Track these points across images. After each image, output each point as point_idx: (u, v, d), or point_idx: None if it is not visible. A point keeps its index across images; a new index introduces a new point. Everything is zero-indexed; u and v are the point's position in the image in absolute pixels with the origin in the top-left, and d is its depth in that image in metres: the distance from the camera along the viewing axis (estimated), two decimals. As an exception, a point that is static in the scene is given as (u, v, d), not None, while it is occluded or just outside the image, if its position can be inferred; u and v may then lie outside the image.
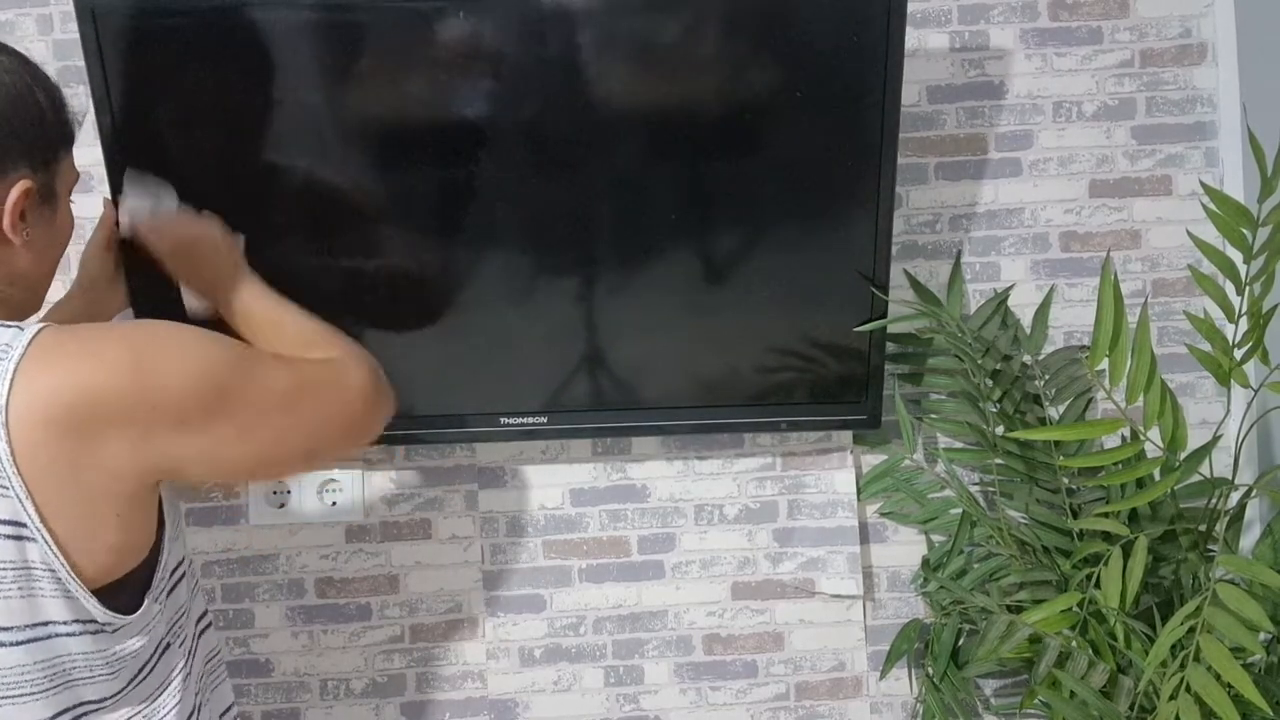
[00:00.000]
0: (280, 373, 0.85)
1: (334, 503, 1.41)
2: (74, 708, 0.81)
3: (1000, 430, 1.31)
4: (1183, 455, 1.18)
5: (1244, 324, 1.14)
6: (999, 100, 1.38)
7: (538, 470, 1.42)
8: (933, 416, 1.40)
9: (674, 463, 1.43)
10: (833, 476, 1.43)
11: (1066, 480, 1.30)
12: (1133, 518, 1.25)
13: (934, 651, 1.37)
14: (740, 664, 1.46)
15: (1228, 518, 1.20)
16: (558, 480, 1.43)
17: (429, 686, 1.46)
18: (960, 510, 1.37)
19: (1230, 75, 1.36)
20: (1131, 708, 1.13)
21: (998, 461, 1.34)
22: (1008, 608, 1.23)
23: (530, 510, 1.43)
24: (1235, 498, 1.22)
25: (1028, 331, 1.40)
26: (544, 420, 1.29)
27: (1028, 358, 1.37)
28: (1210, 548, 1.22)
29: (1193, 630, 1.04)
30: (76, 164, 0.87)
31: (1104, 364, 1.17)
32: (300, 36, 1.12)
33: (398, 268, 1.23)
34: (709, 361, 1.29)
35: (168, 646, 0.87)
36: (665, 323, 1.27)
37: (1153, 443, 1.19)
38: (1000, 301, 1.38)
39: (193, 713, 0.90)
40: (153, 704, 0.86)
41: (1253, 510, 1.39)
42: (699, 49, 1.17)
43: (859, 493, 1.43)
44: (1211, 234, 1.21)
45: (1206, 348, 1.16)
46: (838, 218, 1.23)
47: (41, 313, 0.91)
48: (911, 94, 1.37)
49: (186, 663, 0.90)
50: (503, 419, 1.29)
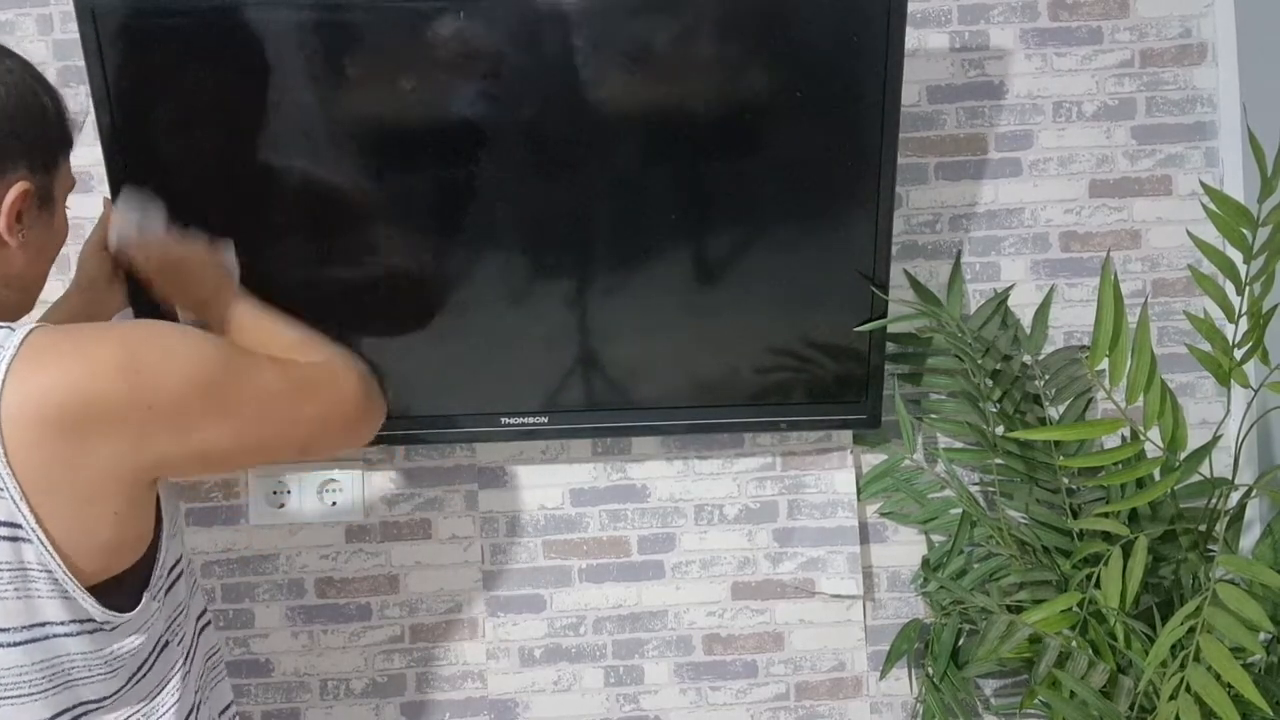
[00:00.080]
0: (273, 372, 0.85)
1: (334, 503, 1.41)
2: (73, 708, 0.81)
3: (1000, 430, 1.31)
4: (1183, 455, 1.18)
5: (1244, 324, 1.14)
6: (999, 100, 1.38)
7: (538, 470, 1.42)
8: (933, 416, 1.40)
9: (674, 463, 1.43)
10: (833, 476, 1.43)
11: (1066, 480, 1.30)
12: (1133, 518, 1.25)
13: (934, 651, 1.37)
14: (740, 664, 1.46)
15: (1228, 518, 1.20)
16: (558, 480, 1.43)
17: (429, 686, 1.46)
18: (960, 510, 1.37)
19: (1230, 75, 1.36)
20: (1131, 708, 1.13)
21: (998, 461, 1.34)
22: (1008, 608, 1.23)
23: (530, 510, 1.43)
24: (1235, 498, 1.22)
25: (1028, 331, 1.40)
26: (544, 420, 1.29)
27: (1028, 358, 1.37)
28: (1210, 548, 1.22)
29: (1193, 630, 1.04)
30: (76, 163, 0.88)
31: (1104, 364, 1.17)
32: (300, 36, 1.12)
33: (397, 268, 1.23)
34: (709, 361, 1.29)
35: (166, 644, 0.87)
36: (665, 323, 1.27)
37: (1153, 443, 1.19)
38: (1000, 301, 1.38)
39: (192, 711, 0.90)
40: (151, 702, 0.86)
41: (1253, 510, 1.39)
42: (698, 49, 1.17)
43: (859, 493, 1.43)
44: (1211, 234, 1.21)
45: (1206, 348, 1.16)
46: (838, 218, 1.23)
47: (37, 312, 0.91)
48: (911, 94, 1.37)
49: (185, 661, 0.90)
50: (503, 419, 1.29)
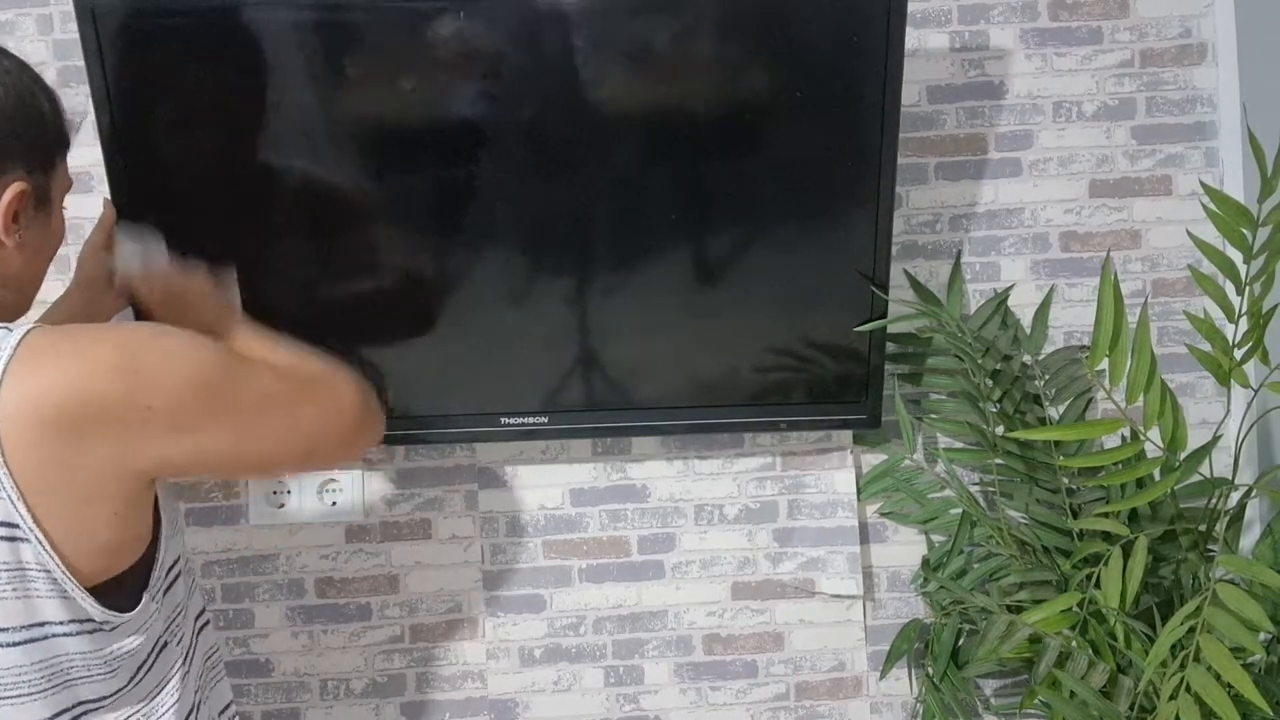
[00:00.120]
0: (272, 377, 0.85)
1: (334, 503, 1.41)
2: (73, 707, 0.81)
3: (1000, 430, 1.31)
4: (1183, 455, 1.18)
5: (1244, 324, 1.14)
6: (999, 100, 1.38)
7: (538, 470, 1.42)
8: (933, 416, 1.40)
9: (674, 463, 1.43)
10: (833, 476, 1.43)
11: (1066, 480, 1.30)
12: (1133, 518, 1.25)
13: (934, 651, 1.37)
14: (740, 664, 1.46)
15: (1228, 518, 1.20)
16: (558, 480, 1.43)
17: (429, 686, 1.46)
18: (960, 510, 1.37)
19: (1230, 75, 1.36)
20: (1131, 708, 1.13)
21: (998, 461, 1.34)
22: (1008, 608, 1.23)
23: (530, 510, 1.43)
24: (1235, 498, 1.22)
25: (1028, 331, 1.40)
26: (544, 420, 1.29)
27: (1028, 358, 1.37)
28: (1210, 548, 1.22)
29: (1193, 630, 1.04)
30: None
31: (1104, 364, 1.17)
32: (300, 37, 1.12)
33: (398, 268, 1.23)
34: (709, 361, 1.29)
35: (165, 645, 0.87)
36: (665, 323, 1.27)
37: (1153, 443, 1.19)
38: (1000, 301, 1.38)
39: (191, 711, 0.90)
40: (151, 702, 0.86)
41: (1253, 510, 1.39)
42: (698, 49, 1.17)
43: (859, 493, 1.43)
44: (1211, 234, 1.21)
45: (1206, 348, 1.16)
46: (838, 218, 1.23)
47: (36, 311, 0.91)
48: (911, 94, 1.37)
49: (184, 662, 0.90)
50: (503, 419, 1.29)
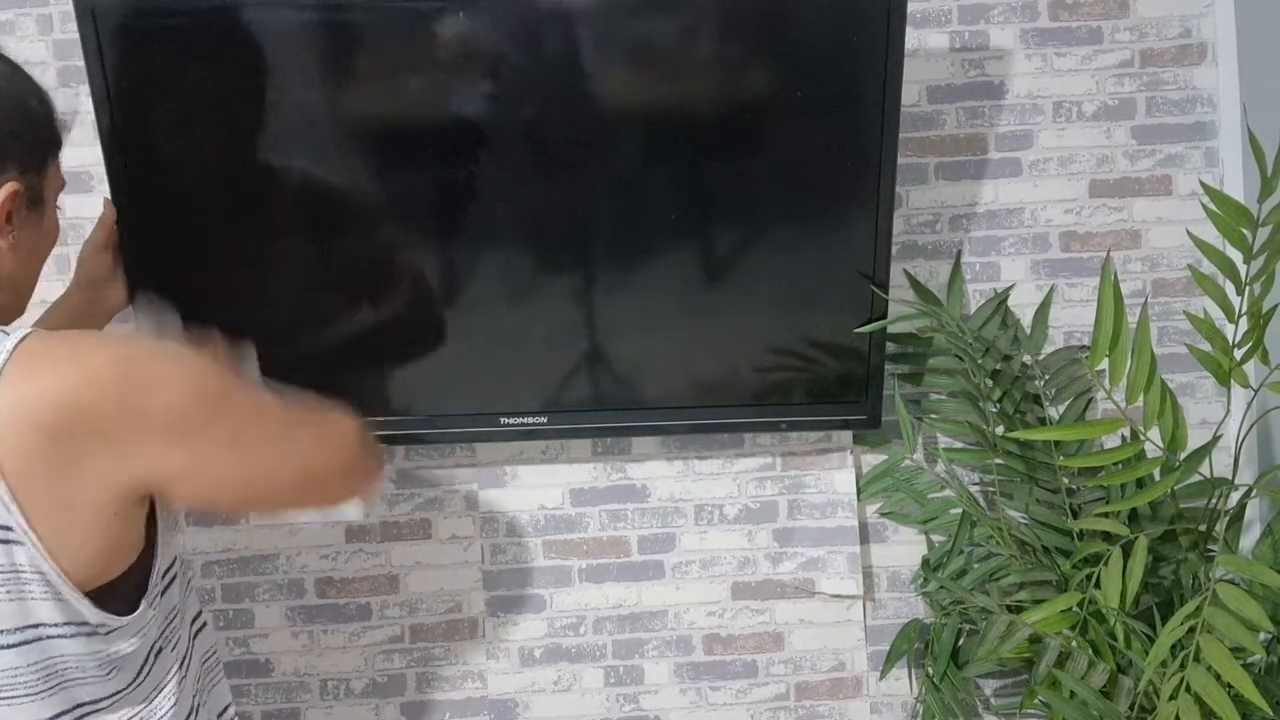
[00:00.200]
0: (273, 400, 0.84)
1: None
2: (73, 709, 0.81)
3: (1000, 430, 1.31)
4: (1183, 455, 1.18)
5: (1244, 324, 1.14)
6: (999, 100, 1.38)
7: (538, 470, 1.42)
8: (933, 416, 1.40)
9: (674, 463, 1.43)
10: (833, 476, 1.43)
11: (1066, 480, 1.30)
12: (1133, 518, 1.25)
13: (934, 651, 1.37)
14: (740, 664, 1.46)
15: (1228, 518, 1.20)
16: (558, 480, 1.43)
17: (429, 686, 1.46)
18: (960, 510, 1.37)
19: (1230, 75, 1.36)
20: (1131, 708, 1.13)
21: (998, 461, 1.34)
22: (1008, 608, 1.23)
23: (530, 510, 1.43)
24: (1235, 498, 1.22)
25: (1028, 331, 1.40)
26: (544, 420, 1.29)
27: (1028, 358, 1.37)
28: (1210, 548, 1.22)
29: (1193, 630, 1.04)
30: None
31: (1104, 364, 1.17)
32: (300, 36, 1.12)
33: (398, 268, 1.23)
34: (709, 361, 1.29)
35: (160, 650, 0.87)
36: (665, 322, 1.27)
37: (1153, 443, 1.19)
38: (1000, 301, 1.38)
39: (190, 714, 0.90)
40: (149, 705, 0.86)
41: (1253, 510, 1.39)
42: (698, 49, 1.17)
43: (859, 493, 1.43)
44: (1211, 234, 1.21)
45: (1206, 348, 1.16)
46: (838, 218, 1.23)
47: (29, 314, 0.90)
48: (911, 94, 1.37)
49: (180, 667, 0.89)
50: (503, 419, 1.29)
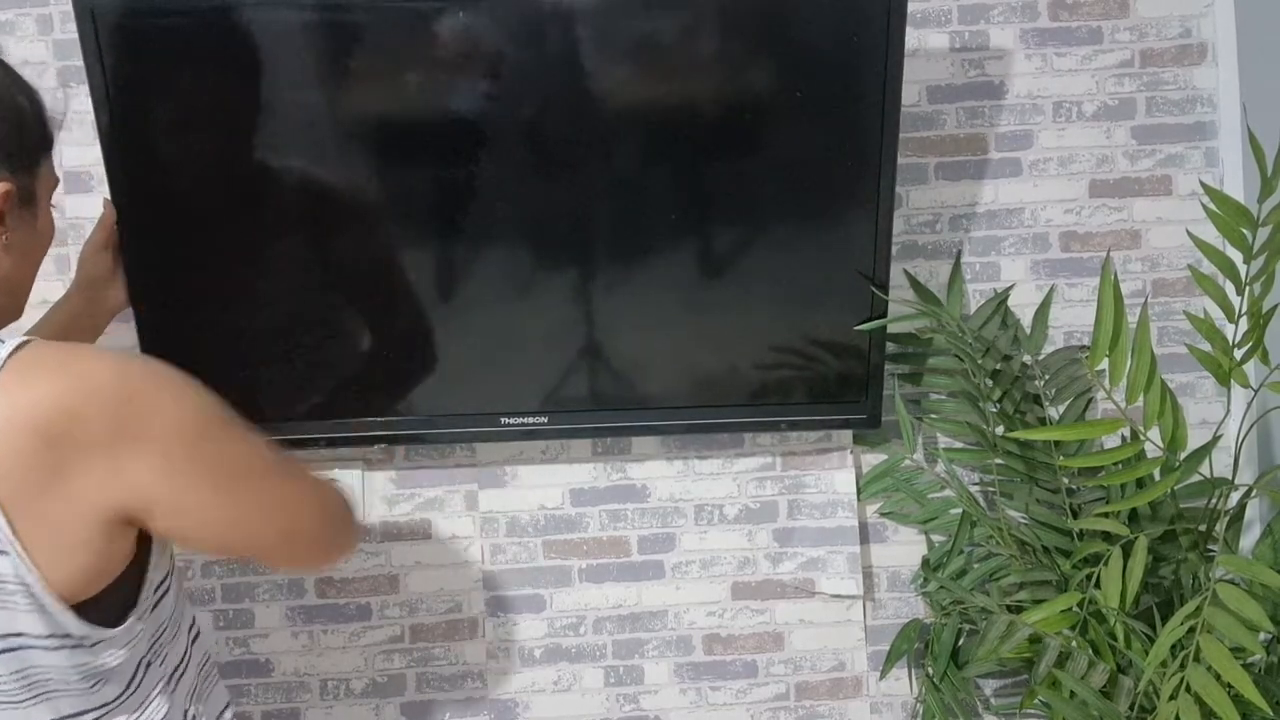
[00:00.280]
0: (264, 445, 0.83)
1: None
2: None
3: (1000, 430, 1.31)
4: (1183, 455, 1.18)
5: (1244, 324, 1.14)
6: (999, 100, 1.38)
7: (538, 470, 1.42)
8: (933, 416, 1.40)
9: (674, 463, 1.43)
10: (833, 476, 1.43)
11: (1066, 480, 1.30)
12: (1133, 518, 1.25)
13: (934, 651, 1.37)
14: (740, 664, 1.46)
15: (1228, 518, 1.20)
16: (558, 480, 1.43)
17: (429, 686, 1.46)
18: (960, 510, 1.37)
19: (1230, 75, 1.36)
20: (1131, 708, 1.13)
21: (998, 461, 1.34)
22: (1008, 608, 1.23)
23: (530, 510, 1.43)
24: (1235, 498, 1.22)
25: (1028, 331, 1.40)
26: (544, 420, 1.29)
27: (1028, 358, 1.37)
28: (1210, 548, 1.22)
29: (1193, 630, 1.04)
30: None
31: (1104, 364, 1.17)
32: (300, 36, 1.12)
33: (397, 267, 1.23)
34: (709, 361, 1.29)
35: (148, 665, 0.85)
36: (665, 322, 1.27)
37: (1153, 443, 1.19)
38: (1000, 301, 1.38)
39: None
40: (138, 717, 0.85)
41: (1253, 510, 1.39)
42: (699, 49, 1.17)
43: (859, 493, 1.43)
44: (1211, 234, 1.21)
45: (1206, 348, 1.16)
46: (838, 218, 1.23)
47: (29, 315, 0.89)
48: (911, 94, 1.37)
49: (171, 680, 0.88)
50: (503, 419, 1.29)
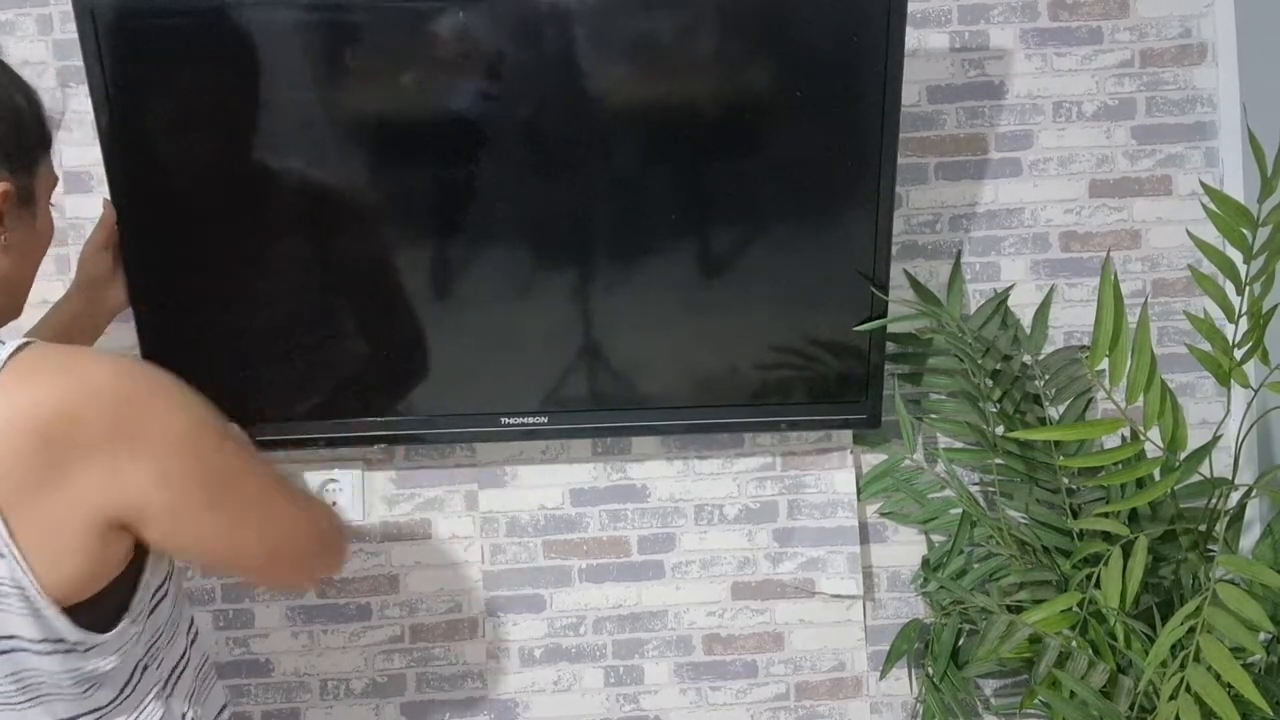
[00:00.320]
0: (260, 462, 0.84)
1: (334, 503, 1.41)
2: None
3: (1000, 430, 1.31)
4: (1183, 455, 1.18)
5: (1244, 324, 1.14)
6: (999, 100, 1.38)
7: (538, 470, 1.42)
8: (933, 416, 1.40)
9: (674, 463, 1.43)
10: (833, 476, 1.43)
11: (1066, 480, 1.30)
12: (1133, 518, 1.25)
13: (934, 651, 1.37)
14: (740, 664, 1.46)
15: (1228, 518, 1.20)
16: (558, 480, 1.43)
17: (429, 686, 1.46)
18: (960, 510, 1.37)
19: (1230, 75, 1.36)
20: (1131, 708, 1.13)
21: (998, 461, 1.34)
22: (1008, 608, 1.23)
23: (530, 510, 1.43)
24: (1235, 498, 1.22)
25: (1028, 331, 1.40)
26: (544, 420, 1.29)
27: (1028, 358, 1.37)
28: (1210, 548, 1.22)
29: (1193, 630, 1.04)
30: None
31: (1104, 364, 1.17)
32: (300, 36, 1.12)
33: (397, 267, 1.23)
34: (709, 361, 1.29)
35: (145, 669, 0.85)
36: (665, 322, 1.27)
37: (1153, 443, 1.19)
38: (1000, 301, 1.38)
39: None
40: (135, 718, 0.85)
41: (1253, 510, 1.39)
42: (698, 48, 1.17)
43: (859, 493, 1.43)
44: (1211, 234, 1.21)
45: (1206, 348, 1.16)
46: (838, 218, 1.23)
47: (30, 315, 0.89)
48: (911, 94, 1.37)
49: (167, 684, 0.88)
50: (503, 419, 1.29)
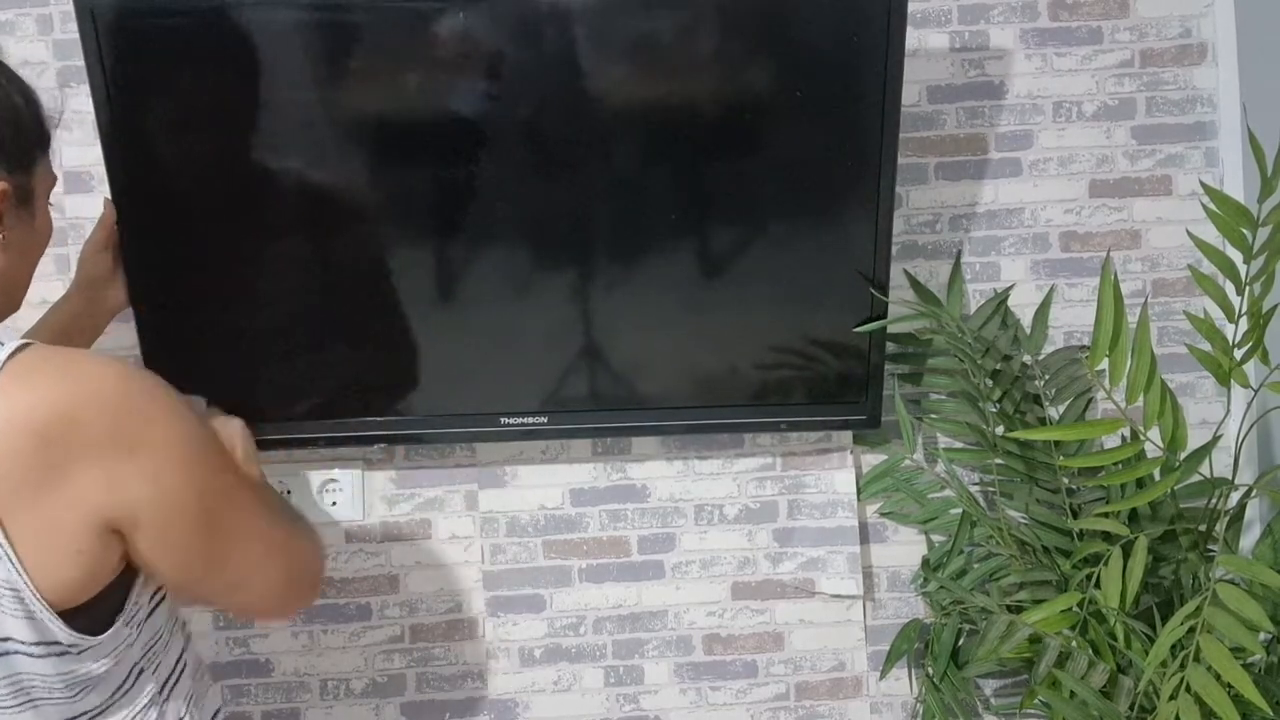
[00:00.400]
0: (253, 486, 0.83)
1: (334, 503, 1.41)
2: None
3: (1000, 430, 1.31)
4: (1183, 455, 1.18)
5: (1244, 324, 1.14)
6: (999, 100, 1.38)
7: (538, 470, 1.42)
8: (933, 416, 1.40)
9: (674, 463, 1.43)
10: (833, 476, 1.43)
11: (1066, 480, 1.30)
12: (1133, 518, 1.25)
13: (934, 651, 1.37)
14: (740, 664, 1.46)
15: (1228, 518, 1.20)
16: (558, 480, 1.43)
17: (429, 686, 1.45)
18: (960, 510, 1.37)
19: (1230, 75, 1.36)
20: (1131, 708, 1.13)
21: (998, 461, 1.34)
22: (1008, 608, 1.23)
23: (530, 510, 1.43)
24: (1235, 498, 1.22)
25: (1028, 331, 1.40)
26: (544, 420, 1.29)
27: (1028, 358, 1.37)
28: (1210, 548, 1.22)
29: (1193, 630, 1.04)
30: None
31: (1104, 364, 1.17)
32: (300, 36, 1.12)
33: (397, 267, 1.23)
34: (709, 361, 1.29)
35: (140, 672, 0.85)
36: (665, 322, 1.27)
37: (1153, 443, 1.19)
38: (1000, 301, 1.38)
39: None
40: None
41: (1253, 510, 1.39)
42: (698, 48, 1.17)
43: (859, 493, 1.43)
44: (1211, 234, 1.21)
45: (1206, 348, 1.16)
46: (838, 218, 1.23)
47: (30, 315, 0.89)
48: (911, 94, 1.37)
49: (163, 689, 0.88)
50: (503, 419, 1.29)
